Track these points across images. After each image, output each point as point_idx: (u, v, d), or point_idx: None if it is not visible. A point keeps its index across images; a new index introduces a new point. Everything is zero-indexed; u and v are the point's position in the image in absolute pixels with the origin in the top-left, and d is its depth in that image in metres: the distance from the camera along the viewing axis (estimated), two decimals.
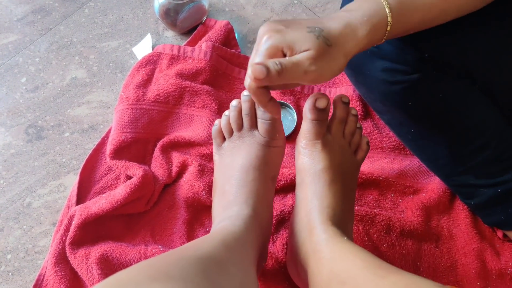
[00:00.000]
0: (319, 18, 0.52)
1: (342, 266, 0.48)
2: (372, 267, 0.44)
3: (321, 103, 0.57)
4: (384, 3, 0.51)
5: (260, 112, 0.62)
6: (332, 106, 0.63)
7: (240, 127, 0.65)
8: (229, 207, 0.60)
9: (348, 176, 0.63)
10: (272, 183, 0.66)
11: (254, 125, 0.64)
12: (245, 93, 0.63)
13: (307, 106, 0.59)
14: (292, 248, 0.62)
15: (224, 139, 0.67)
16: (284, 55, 0.49)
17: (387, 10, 0.51)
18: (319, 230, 0.55)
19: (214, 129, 0.67)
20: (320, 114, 0.58)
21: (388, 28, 0.52)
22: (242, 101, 0.64)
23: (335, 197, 0.59)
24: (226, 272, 0.42)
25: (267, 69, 0.45)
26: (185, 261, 0.39)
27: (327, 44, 0.48)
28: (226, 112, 0.66)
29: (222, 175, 0.65)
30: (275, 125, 0.62)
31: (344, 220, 0.59)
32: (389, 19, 0.51)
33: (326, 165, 0.60)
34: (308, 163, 0.61)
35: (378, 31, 0.52)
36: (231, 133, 0.66)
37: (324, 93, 0.58)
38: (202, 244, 0.47)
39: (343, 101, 0.62)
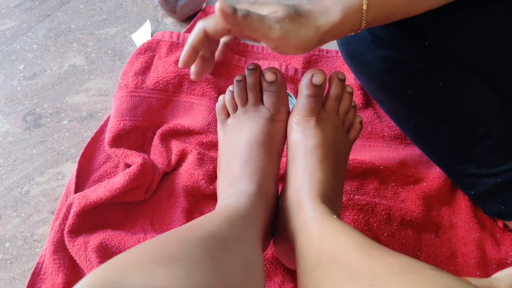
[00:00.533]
0: None
1: (332, 245, 0.46)
2: (364, 248, 0.43)
3: (318, 79, 0.56)
4: None
5: (265, 84, 0.60)
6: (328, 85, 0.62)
7: (245, 102, 0.63)
8: (234, 184, 0.59)
9: (340, 155, 0.62)
10: (277, 159, 0.64)
11: (259, 100, 0.62)
12: (250, 67, 0.61)
13: (303, 82, 0.58)
14: (279, 225, 0.61)
15: (228, 115, 0.65)
16: None
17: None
18: (308, 207, 0.54)
19: (218, 105, 0.65)
20: (316, 90, 0.57)
21: (364, 7, 0.51)
22: (246, 75, 0.61)
23: (326, 175, 0.58)
24: (231, 250, 0.42)
25: (234, 9, 0.45)
26: (188, 242, 0.38)
27: (296, 12, 0.49)
28: (230, 87, 0.64)
29: (226, 152, 0.64)
30: (280, 97, 0.61)
31: (334, 200, 0.58)
32: (364, 7, 0.51)
33: (319, 142, 0.59)
34: (300, 139, 0.60)
35: (353, 12, 0.51)
36: (235, 108, 0.64)
37: (321, 69, 0.57)
38: (206, 222, 0.46)
39: (339, 78, 0.61)
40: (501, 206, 0.73)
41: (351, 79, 0.90)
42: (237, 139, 0.62)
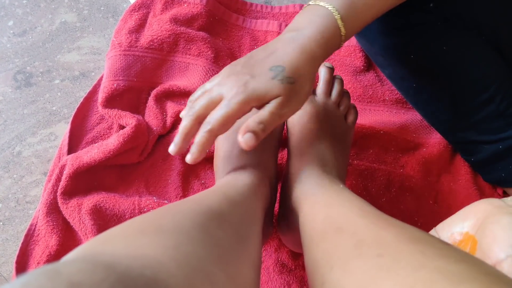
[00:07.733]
0: (273, 46, 0.50)
1: (338, 213, 0.45)
2: (371, 217, 0.42)
3: None
4: (334, 13, 0.50)
5: None
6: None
7: None
8: (238, 169, 0.60)
9: (337, 134, 0.63)
10: (278, 138, 0.66)
11: None
12: None
13: None
14: (283, 198, 0.62)
15: None
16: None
17: (339, 22, 0.50)
18: (311, 174, 0.55)
19: None
20: None
21: (343, 33, 0.51)
22: None
23: (323, 144, 0.60)
24: (227, 225, 0.41)
25: (255, 133, 0.46)
26: (181, 215, 0.38)
27: (291, 83, 0.48)
28: None
29: (226, 140, 0.63)
30: None
31: (337, 172, 0.59)
32: (342, 30, 0.50)
33: (312, 116, 0.62)
34: (296, 118, 0.63)
35: (333, 42, 0.51)
36: None
37: None
38: (203, 198, 0.46)
39: (326, 66, 0.65)
40: (501, 173, 0.72)
41: (353, 40, 0.87)
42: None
